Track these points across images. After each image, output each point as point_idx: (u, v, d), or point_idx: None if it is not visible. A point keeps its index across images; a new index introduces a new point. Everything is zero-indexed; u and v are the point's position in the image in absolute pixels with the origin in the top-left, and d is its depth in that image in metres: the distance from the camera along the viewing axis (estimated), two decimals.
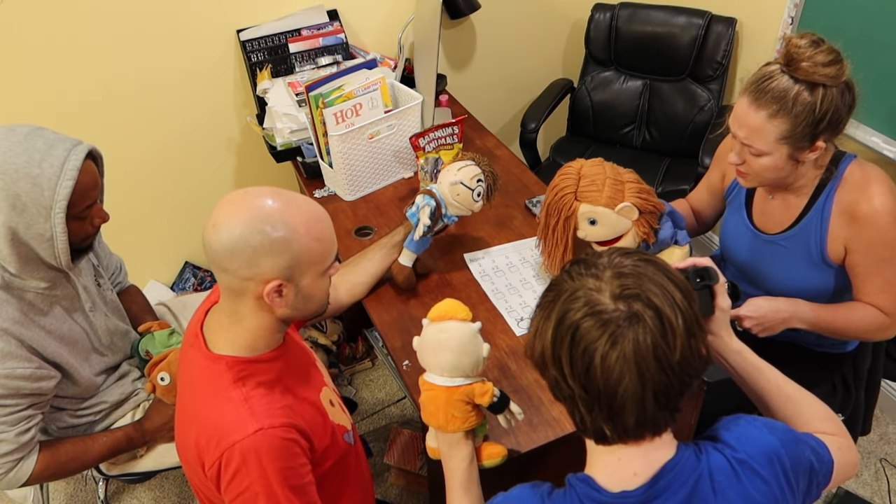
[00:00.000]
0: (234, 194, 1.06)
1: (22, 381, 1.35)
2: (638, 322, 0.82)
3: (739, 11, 2.37)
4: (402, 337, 1.54)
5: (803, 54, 1.24)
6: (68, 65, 2.08)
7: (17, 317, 1.36)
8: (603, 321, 0.82)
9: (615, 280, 0.85)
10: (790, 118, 1.27)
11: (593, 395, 0.84)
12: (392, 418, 2.35)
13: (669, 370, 0.83)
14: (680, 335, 0.83)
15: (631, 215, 1.44)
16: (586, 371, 0.83)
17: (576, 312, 0.84)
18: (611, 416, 0.85)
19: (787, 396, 1.08)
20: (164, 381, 1.55)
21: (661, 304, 0.83)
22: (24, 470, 1.41)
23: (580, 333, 0.83)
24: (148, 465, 1.67)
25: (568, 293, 0.87)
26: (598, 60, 2.62)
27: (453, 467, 1.15)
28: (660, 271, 0.87)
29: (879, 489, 2.05)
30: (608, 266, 0.88)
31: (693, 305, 0.86)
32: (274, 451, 1.05)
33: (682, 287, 0.87)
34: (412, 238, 1.56)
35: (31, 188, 1.26)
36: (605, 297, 0.84)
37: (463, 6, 2.36)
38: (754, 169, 1.37)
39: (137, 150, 2.30)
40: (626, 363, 0.81)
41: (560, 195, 1.47)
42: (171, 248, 2.57)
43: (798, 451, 0.93)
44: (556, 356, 0.86)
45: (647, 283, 0.84)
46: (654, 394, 0.83)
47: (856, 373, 1.69)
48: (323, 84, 1.84)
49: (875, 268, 1.40)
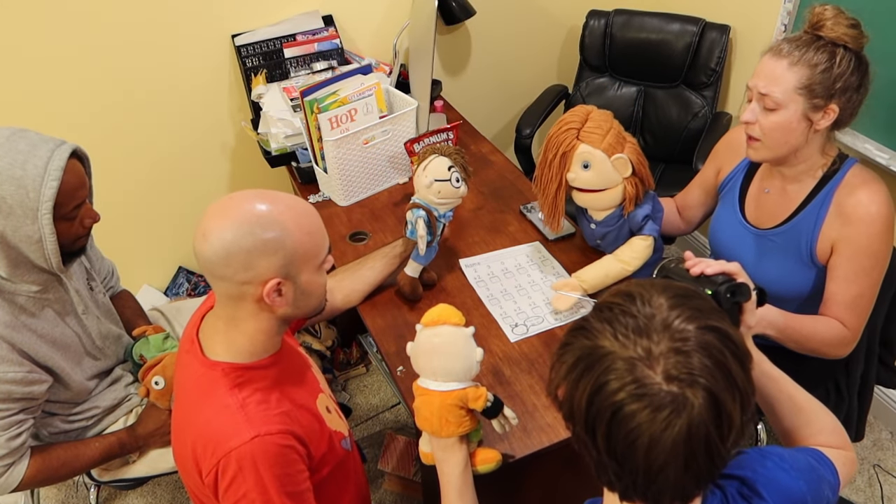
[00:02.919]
0: (219, 202, 1.05)
1: (13, 385, 1.34)
2: (693, 409, 0.72)
3: (733, 19, 2.38)
4: (396, 342, 1.53)
5: (828, 15, 1.30)
6: (62, 70, 2.08)
7: (8, 320, 1.36)
8: (654, 406, 0.72)
9: (672, 357, 0.73)
10: (810, 67, 1.31)
11: (628, 471, 0.76)
12: (386, 424, 2.34)
13: (718, 458, 0.75)
14: (736, 426, 0.75)
15: (625, 170, 1.44)
16: (626, 452, 0.74)
17: (619, 391, 0.73)
18: (644, 493, 0.78)
19: (799, 407, 1.07)
20: (159, 385, 1.55)
21: (721, 395, 0.73)
22: (14, 475, 1.40)
23: (624, 415, 0.73)
24: (140, 471, 1.66)
25: (609, 360, 0.74)
26: (593, 67, 2.63)
27: (448, 473, 1.15)
28: (724, 341, 0.75)
29: (873, 495, 2.06)
30: (664, 329, 0.75)
31: (749, 376, 0.77)
32: (270, 458, 1.04)
33: (743, 360, 0.76)
34: (417, 252, 1.56)
35: (15, 190, 1.25)
36: (657, 374, 0.73)
37: (458, 12, 2.37)
38: (766, 128, 1.37)
39: (132, 154, 2.29)
40: (674, 453, 0.72)
41: (564, 128, 1.48)
42: (165, 252, 2.56)
43: (820, 492, 0.91)
44: (589, 426, 0.76)
45: (710, 364, 0.73)
46: (696, 479, 0.76)
47: (849, 378, 1.70)
48: (318, 89, 1.84)
49: (853, 275, 1.41)
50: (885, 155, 1.89)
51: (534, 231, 1.82)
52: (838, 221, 1.40)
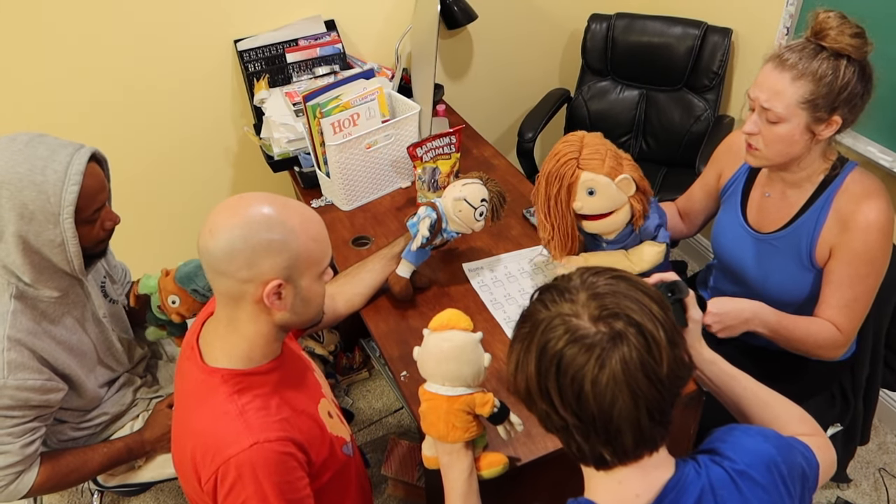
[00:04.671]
0: (229, 200, 1.06)
1: (32, 392, 1.35)
2: (622, 341, 0.81)
3: (735, 22, 2.38)
4: (399, 347, 1.53)
5: (832, 24, 1.27)
6: (66, 75, 2.08)
7: (31, 327, 1.36)
8: (587, 345, 0.81)
9: (592, 302, 0.84)
10: (813, 81, 1.28)
11: (587, 421, 0.83)
12: (390, 429, 2.34)
13: (659, 384, 0.82)
14: (664, 347, 0.82)
15: (629, 189, 1.43)
16: (577, 398, 0.82)
17: (557, 341, 0.82)
18: (608, 439, 0.84)
19: (764, 402, 1.10)
20: (176, 303, 1.56)
21: (641, 320, 0.82)
22: (24, 482, 1.40)
23: (565, 361, 0.82)
24: (146, 476, 1.66)
25: (545, 322, 0.85)
26: (595, 70, 2.63)
27: (453, 478, 1.15)
28: (633, 286, 0.86)
29: (878, 499, 2.05)
30: (581, 288, 0.86)
31: (669, 315, 0.86)
32: (270, 465, 1.04)
33: (657, 299, 0.86)
34: (409, 248, 1.56)
35: (36, 196, 1.26)
36: (584, 320, 0.83)
37: (460, 16, 2.37)
38: (768, 139, 1.36)
39: (134, 159, 2.29)
40: (617, 384, 0.80)
41: (562, 161, 1.44)
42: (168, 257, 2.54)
43: (791, 456, 0.94)
44: (542, 388, 0.85)
45: (624, 300, 0.83)
46: (647, 410, 0.82)
47: (854, 382, 1.69)
48: (320, 94, 1.84)
49: (848, 280, 1.40)
50: (888, 157, 1.88)
51: (537, 235, 1.81)
52: (837, 227, 1.40)
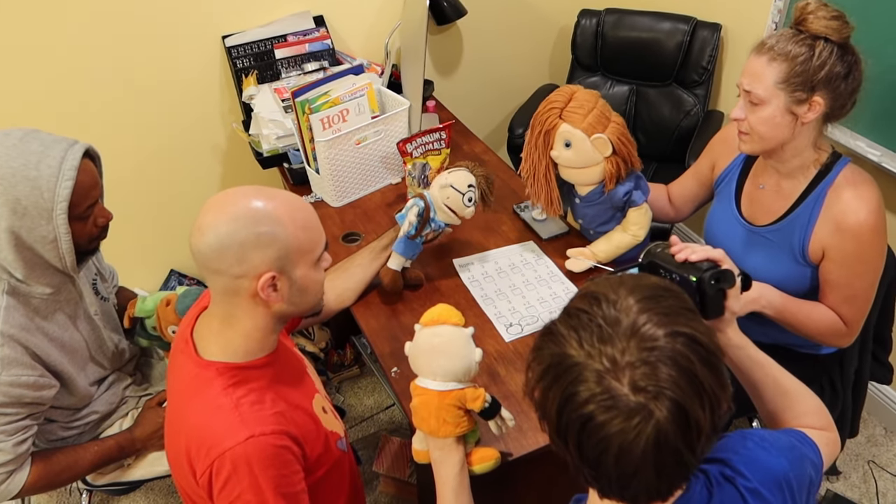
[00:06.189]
0: (217, 196, 1.06)
1: (25, 389, 1.34)
2: (660, 420, 0.72)
3: (724, 17, 2.39)
4: (390, 343, 1.53)
5: (810, 9, 1.31)
6: (52, 71, 2.06)
7: (24, 323, 1.35)
8: (622, 416, 0.72)
9: (639, 368, 0.73)
10: (787, 61, 1.32)
11: (602, 476, 0.77)
12: (381, 426, 2.33)
13: (688, 464, 0.77)
14: (705, 431, 0.75)
15: (604, 150, 1.48)
16: (597, 460, 0.75)
17: (587, 402, 0.73)
18: (621, 493, 0.79)
19: (784, 390, 1.09)
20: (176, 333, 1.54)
21: (687, 404, 0.73)
22: (16, 482, 1.39)
23: (593, 426, 0.73)
24: (137, 475, 1.65)
25: (577, 371, 0.74)
26: (585, 66, 2.63)
27: (444, 474, 1.15)
28: (690, 349, 0.74)
29: (867, 491, 2.06)
30: (631, 335, 0.74)
31: (719, 377, 0.77)
32: (265, 458, 1.04)
33: (712, 362, 0.76)
34: (399, 240, 1.55)
35: (30, 191, 1.25)
36: (624, 386, 0.73)
37: (449, 12, 2.36)
38: (752, 123, 1.39)
39: (122, 156, 2.27)
40: (645, 460, 0.73)
41: (547, 107, 1.53)
42: (157, 256, 2.54)
43: (802, 469, 0.92)
44: (562, 434, 0.78)
45: (675, 373, 0.73)
46: (668, 481, 0.78)
47: (843, 375, 1.70)
48: (309, 90, 1.83)
49: (846, 279, 1.42)
50: (876, 152, 1.89)
51: (527, 230, 1.81)
52: (829, 226, 1.41)
